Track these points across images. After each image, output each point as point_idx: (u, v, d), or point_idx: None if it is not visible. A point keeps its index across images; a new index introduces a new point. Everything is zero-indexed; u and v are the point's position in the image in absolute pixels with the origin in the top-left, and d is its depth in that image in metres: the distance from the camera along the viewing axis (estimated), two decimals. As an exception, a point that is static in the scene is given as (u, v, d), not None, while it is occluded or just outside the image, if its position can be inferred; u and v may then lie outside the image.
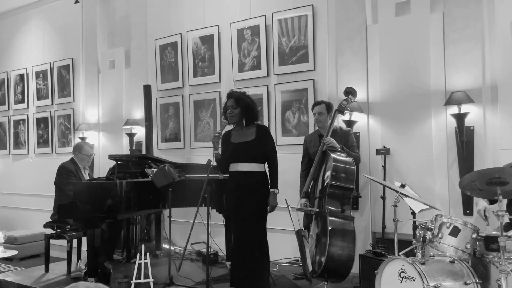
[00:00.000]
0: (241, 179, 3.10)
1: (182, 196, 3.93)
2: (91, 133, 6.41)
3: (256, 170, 3.14)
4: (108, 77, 6.35)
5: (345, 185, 3.17)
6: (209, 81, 5.36)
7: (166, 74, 5.75)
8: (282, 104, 4.77)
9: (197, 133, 5.49)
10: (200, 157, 5.31)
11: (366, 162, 4.20)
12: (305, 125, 4.62)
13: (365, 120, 4.26)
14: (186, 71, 5.58)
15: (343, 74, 4.37)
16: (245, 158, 3.10)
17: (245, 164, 3.11)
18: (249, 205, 3.11)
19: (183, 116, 5.62)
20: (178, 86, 5.66)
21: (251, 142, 3.16)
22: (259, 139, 3.18)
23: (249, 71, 5.01)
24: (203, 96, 5.43)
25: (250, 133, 3.20)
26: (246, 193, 3.10)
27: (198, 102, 5.47)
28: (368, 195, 4.20)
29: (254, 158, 3.14)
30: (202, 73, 5.43)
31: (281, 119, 4.78)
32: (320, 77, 4.51)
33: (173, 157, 5.37)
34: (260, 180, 3.17)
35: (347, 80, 4.30)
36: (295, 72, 4.68)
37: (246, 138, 3.15)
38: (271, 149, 3.23)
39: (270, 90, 4.87)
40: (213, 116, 5.33)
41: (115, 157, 4.01)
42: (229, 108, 3.16)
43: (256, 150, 3.15)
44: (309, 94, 4.56)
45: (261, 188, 3.16)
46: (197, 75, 5.46)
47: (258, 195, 3.14)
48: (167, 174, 3.56)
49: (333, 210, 3.13)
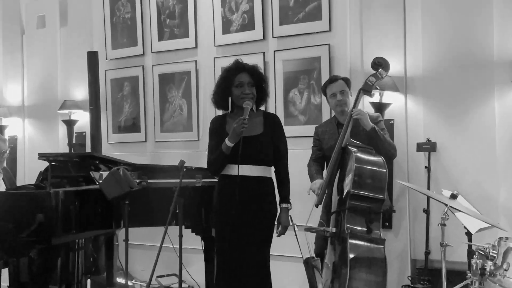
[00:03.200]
0: (244, 188, 3.10)
1: (143, 211, 3.92)
2: (13, 120, 6.40)
3: (263, 176, 3.16)
4: (36, 40, 6.31)
5: (373, 195, 3.19)
6: (181, 47, 5.34)
7: (120, 36, 5.73)
8: (284, 79, 4.78)
9: (165, 120, 5.48)
10: (168, 155, 5.31)
11: (403, 162, 4.24)
12: (317, 109, 4.63)
13: (402, 102, 4.29)
14: (147, 32, 5.56)
15: (370, 37, 4.38)
16: (250, 159, 3.11)
17: (250, 166, 3.11)
18: (254, 224, 3.12)
19: (144, 96, 5.61)
20: (136, 53, 5.63)
21: (259, 136, 3.18)
22: (270, 132, 3.21)
23: (237, 33, 5.00)
24: (172, 68, 5.41)
25: (257, 124, 3.21)
26: (250, 208, 3.12)
27: (166, 76, 5.45)
28: (405, 209, 4.23)
29: (263, 159, 3.16)
30: (170, 34, 5.41)
31: (282, 100, 4.80)
32: (338, 41, 4.51)
33: (130, 154, 5.37)
34: (269, 190, 3.20)
35: (377, 46, 4.30)
36: (302, 34, 4.67)
37: (252, 131, 3.15)
38: (284, 148, 3.26)
39: (268, 59, 4.86)
40: (187, 96, 5.33)
41: (47, 156, 3.99)
42: (246, 86, 3.16)
43: (266, 149, 3.17)
44: (322, 66, 4.56)
45: (270, 201, 3.19)
46: (164, 37, 5.44)
47: (267, 212, 3.17)
48: (121, 181, 3.56)
49: (356, 231, 3.15)
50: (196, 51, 5.28)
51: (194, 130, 5.28)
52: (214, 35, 5.13)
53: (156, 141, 5.52)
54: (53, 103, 6.03)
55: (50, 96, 6.12)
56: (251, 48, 4.93)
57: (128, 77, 5.68)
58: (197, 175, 4.04)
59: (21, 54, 6.44)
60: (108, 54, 5.80)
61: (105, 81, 5.79)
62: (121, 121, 5.75)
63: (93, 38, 5.88)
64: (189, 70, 5.30)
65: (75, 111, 5.82)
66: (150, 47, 5.54)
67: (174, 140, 5.39)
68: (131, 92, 5.67)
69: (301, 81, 4.70)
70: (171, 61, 5.41)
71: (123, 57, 5.70)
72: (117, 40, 5.74)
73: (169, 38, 5.41)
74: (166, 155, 5.33)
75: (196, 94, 5.27)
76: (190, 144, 5.28)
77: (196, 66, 5.26)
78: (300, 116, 4.71)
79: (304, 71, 4.68)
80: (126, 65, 5.69)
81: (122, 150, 5.65)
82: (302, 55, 4.67)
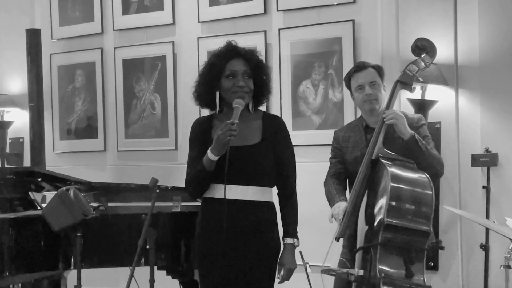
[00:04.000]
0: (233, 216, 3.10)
1: (102, 246, 3.87)
2: None
3: (261, 200, 3.14)
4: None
5: (415, 225, 3.17)
6: (153, 23, 5.35)
7: (70, 9, 5.71)
8: (293, 67, 4.78)
9: (131, 122, 5.48)
10: (136, 169, 5.31)
11: (453, 180, 4.24)
12: (336, 107, 4.62)
13: (452, 99, 4.29)
14: (108, 2, 5.54)
15: (409, 12, 4.38)
16: (242, 177, 3.10)
17: (242, 187, 3.10)
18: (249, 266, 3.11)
19: (103, 89, 5.60)
20: (93, 31, 5.62)
21: (255, 147, 3.16)
22: (271, 141, 3.18)
23: (229, 4, 5.02)
24: (141, 52, 5.41)
25: (254, 129, 3.19)
26: (243, 243, 3.11)
27: (132, 62, 5.45)
28: (456, 244, 4.23)
29: (260, 178, 3.14)
30: (139, 6, 5.40)
31: (290, 95, 4.80)
32: (365, 16, 4.52)
33: (84, 169, 5.38)
34: (269, 219, 3.16)
35: (417, 24, 4.31)
36: (317, 7, 4.68)
37: (246, 139, 3.14)
38: (289, 162, 3.24)
39: (271, 40, 4.87)
40: (161, 90, 5.32)
41: (-29, 171, 3.98)
42: (239, 77, 3.15)
43: (264, 163, 3.15)
44: (344, 49, 4.56)
45: (270, 233, 3.17)
46: (130, 10, 5.44)
47: (266, 248, 3.14)
48: (72, 205, 3.55)
49: (392, 275, 3.12)
50: (173, 28, 5.29)
51: (170, 135, 5.29)
52: (198, 7, 5.13)
53: (119, 150, 5.51)
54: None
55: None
56: (248, 25, 4.94)
57: (81, 64, 5.68)
58: (174, 197, 4.02)
59: None
60: (54, 32, 5.79)
61: (50, 68, 5.78)
62: (72, 122, 5.74)
63: (34, 11, 5.87)
64: (164, 55, 5.30)
65: (9, 109, 5.82)
66: (111, 24, 5.53)
67: (144, 149, 5.39)
68: (86, 84, 5.67)
69: (315, 69, 4.70)
70: (139, 43, 5.41)
71: (74, 37, 5.71)
72: (66, 14, 5.73)
73: (137, 11, 5.41)
74: (133, 170, 5.33)
75: (174, 87, 5.27)
76: (166, 155, 5.28)
77: (173, 49, 5.27)
78: (313, 117, 4.71)
79: (319, 55, 4.68)
80: (79, 47, 5.68)
81: (73, 162, 5.65)
82: (316, 34, 4.68)
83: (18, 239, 3.71)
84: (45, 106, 5.56)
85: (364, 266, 3.23)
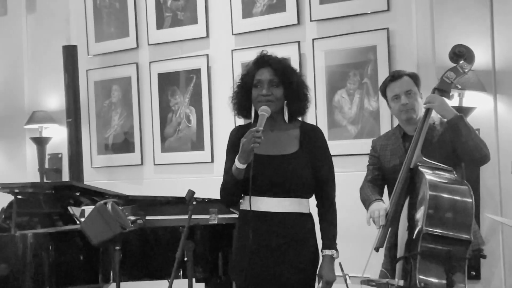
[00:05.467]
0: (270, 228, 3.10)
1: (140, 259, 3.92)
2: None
3: (298, 212, 3.13)
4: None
5: (455, 234, 3.12)
6: (187, 36, 5.38)
7: (106, 24, 5.78)
8: (327, 77, 4.77)
9: (167, 135, 5.50)
10: (172, 182, 5.32)
11: (494, 188, 4.19)
12: (372, 116, 4.60)
13: (490, 106, 4.26)
14: (142, 18, 5.60)
15: (444, 19, 4.35)
16: (278, 188, 3.11)
17: (277, 199, 3.10)
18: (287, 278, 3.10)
19: (139, 103, 5.64)
20: (128, 46, 5.68)
21: (291, 157, 3.16)
22: (308, 151, 3.18)
23: (263, 16, 5.04)
24: (176, 65, 5.44)
25: (290, 139, 3.19)
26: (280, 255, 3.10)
27: (167, 76, 5.48)
28: (498, 252, 4.18)
29: (296, 189, 3.13)
30: (173, 21, 5.45)
31: (325, 105, 4.79)
32: (400, 24, 4.51)
33: (121, 183, 5.42)
34: (306, 231, 3.15)
35: (453, 31, 4.27)
36: (350, 16, 4.68)
37: (282, 149, 3.12)
38: (328, 172, 3.22)
39: (305, 51, 4.87)
40: (197, 102, 5.34)
41: (11, 187, 4.02)
42: (264, 86, 3.15)
43: (301, 173, 3.14)
44: (379, 58, 4.55)
45: (307, 246, 3.15)
46: (164, 25, 5.49)
47: (303, 260, 3.13)
48: (110, 219, 3.56)
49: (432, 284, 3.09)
50: (207, 41, 5.31)
51: (206, 148, 5.31)
52: (232, 19, 5.15)
53: (156, 163, 5.54)
54: (18, 116, 6.11)
55: (14, 106, 6.20)
56: (282, 36, 4.94)
57: (117, 79, 5.73)
58: (211, 209, 4.04)
59: (-25, 50, 6.56)
60: (90, 48, 5.85)
61: (87, 84, 5.84)
62: (109, 137, 5.79)
63: (70, 27, 5.95)
64: (198, 68, 5.32)
65: (47, 126, 5.87)
66: (146, 38, 5.58)
67: (180, 162, 5.41)
68: (122, 99, 5.72)
69: (350, 79, 4.69)
70: (174, 56, 5.45)
71: (110, 52, 5.76)
72: (102, 30, 5.80)
73: (171, 25, 5.45)
74: (170, 183, 5.34)
75: (209, 99, 5.29)
76: (202, 168, 5.30)
77: (207, 62, 5.29)
78: (349, 126, 4.69)
79: (354, 65, 4.67)
80: (115, 62, 5.74)
81: (110, 176, 5.69)
82: (351, 43, 4.67)
83: (58, 253, 3.76)
84: (83, 122, 5.65)
85: (405, 276, 3.21)
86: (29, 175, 6.06)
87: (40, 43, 6.14)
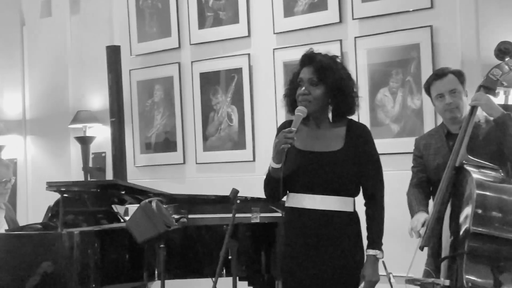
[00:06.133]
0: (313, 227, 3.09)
1: (184, 257, 3.94)
2: (10, 138, 6.58)
3: (342, 211, 3.12)
4: (41, 33, 6.49)
5: (502, 234, 3.08)
6: (229, 36, 5.40)
7: (148, 25, 5.82)
8: (370, 76, 4.76)
9: (208, 134, 5.53)
10: (214, 180, 5.34)
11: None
12: (415, 114, 4.57)
13: (538, 104, 4.17)
14: (184, 17, 5.63)
15: (489, 15, 4.30)
16: (323, 185, 3.10)
17: (321, 197, 3.08)
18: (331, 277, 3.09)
19: (182, 103, 5.68)
20: (170, 46, 5.71)
21: (336, 154, 3.14)
22: (354, 148, 3.16)
23: (304, 14, 5.02)
24: (218, 65, 5.46)
25: (335, 136, 3.18)
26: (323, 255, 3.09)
27: (209, 76, 5.50)
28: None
29: (340, 187, 3.12)
30: (215, 20, 5.47)
31: (368, 104, 4.76)
32: (444, 21, 4.47)
33: (164, 181, 5.43)
34: (351, 229, 3.14)
35: (499, 28, 4.22)
36: (392, 14, 4.65)
37: (327, 146, 3.11)
38: (375, 170, 3.20)
39: (347, 49, 4.85)
40: (238, 101, 5.37)
41: (58, 185, 4.04)
42: (304, 85, 3.15)
43: (345, 171, 3.12)
44: (422, 55, 4.52)
45: (352, 245, 3.13)
46: (206, 24, 5.51)
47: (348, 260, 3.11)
48: (155, 218, 3.59)
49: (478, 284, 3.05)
50: (249, 40, 5.32)
51: (248, 147, 5.32)
52: (273, 18, 5.15)
53: (198, 162, 5.57)
54: (62, 115, 6.19)
55: (59, 106, 6.29)
56: (323, 34, 4.92)
57: (159, 79, 5.77)
58: (253, 208, 4.04)
59: (20, 51, 6.65)
60: (133, 48, 5.91)
61: (130, 84, 5.89)
62: (151, 136, 5.84)
63: (114, 28, 6.02)
64: (240, 67, 5.34)
65: (91, 125, 5.94)
66: (188, 38, 5.61)
67: (221, 161, 5.42)
68: (164, 98, 5.76)
69: (393, 77, 4.65)
70: (215, 56, 5.46)
71: (152, 52, 5.80)
72: (144, 30, 5.85)
73: (213, 25, 5.47)
74: (211, 182, 5.36)
75: (250, 98, 5.31)
76: (243, 166, 5.31)
77: (249, 61, 5.30)
78: (392, 125, 4.66)
79: (397, 63, 4.64)
80: (157, 62, 5.78)
81: (153, 175, 5.73)
82: (393, 41, 4.64)
83: (104, 251, 3.80)
84: (126, 121, 5.70)
85: (450, 276, 3.18)
86: (73, 174, 6.15)
87: (84, 44, 6.21)
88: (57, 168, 6.27)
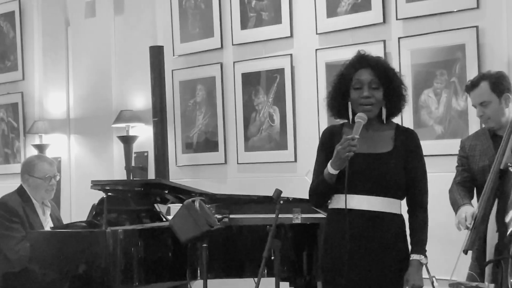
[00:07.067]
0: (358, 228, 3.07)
1: (226, 257, 3.96)
2: (55, 137, 6.69)
3: (389, 212, 3.10)
4: (85, 33, 6.57)
5: (548, 238, 3.06)
6: (271, 36, 5.40)
7: (191, 25, 5.86)
8: (413, 76, 4.72)
9: (250, 134, 5.54)
10: (255, 181, 5.35)
11: None
12: (459, 116, 4.53)
13: None
14: (227, 18, 5.65)
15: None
16: (370, 186, 3.09)
17: (367, 197, 3.08)
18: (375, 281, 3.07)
19: (223, 103, 5.70)
20: (213, 46, 5.74)
21: (385, 156, 3.13)
22: (402, 152, 3.15)
23: (347, 15, 5.01)
24: (260, 65, 5.46)
25: (385, 138, 3.17)
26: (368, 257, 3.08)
27: (251, 76, 5.51)
28: None
29: (388, 188, 3.10)
30: (257, 21, 5.48)
31: (411, 105, 4.69)
32: (489, 21, 4.41)
33: (205, 181, 5.45)
34: (397, 232, 3.11)
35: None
36: (438, 14, 4.61)
37: (377, 147, 3.12)
38: (421, 174, 3.17)
39: (390, 50, 4.83)
40: (280, 102, 5.37)
41: (102, 184, 4.09)
42: (365, 88, 3.14)
43: (394, 173, 3.10)
44: (468, 56, 4.47)
45: (398, 248, 3.11)
46: (249, 25, 5.52)
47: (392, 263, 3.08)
48: (198, 217, 3.59)
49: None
50: (291, 41, 5.31)
51: (289, 147, 5.31)
52: (316, 19, 5.14)
53: (240, 162, 5.58)
54: (106, 115, 6.26)
55: (102, 106, 6.36)
56: (366, 35, 4.90)
57: (202, 79, 5.80)
58: (294, 209, 4.04)
59: (65, 51, 6.76)
60: (176, 49, 5.94)
61: (172, 84, 5.93)
62: (193, 136, 5.87)
63: (157, 28, 6.07)
64: (282, 68, 5.33)
65: (134, 125, 6.00)
66: (230, 39, 5.63)
67: (263, 161, 5.43)
68: (206, 98, 5.79)
69: (437, 78, 4.61)
70: (258, 56, 5.47)
71: (195, 53, 5.83)
72: (187, 31, 5.88)
73: (256, 25, 5.48)
74: (252, 182, 5.37)
75: (292, 99, 5.30)
76: (285, 167, 5.30)
77: (291, 62, 5.29)
78: (436, 126, 4.62)
79: (441, 63, 4.60)
80: (200, 62, 5.80)
81: (194, 175, 5.77)
82: (438, 42, 4.60)
83: (147, 249, 3.84)
84: (168, 121, 5.74)
85: (495, 280, 3.14)
86: (116, 173, 6.21)
87: (127, 44, 6.27)
88: (100, 167, 6.35)
